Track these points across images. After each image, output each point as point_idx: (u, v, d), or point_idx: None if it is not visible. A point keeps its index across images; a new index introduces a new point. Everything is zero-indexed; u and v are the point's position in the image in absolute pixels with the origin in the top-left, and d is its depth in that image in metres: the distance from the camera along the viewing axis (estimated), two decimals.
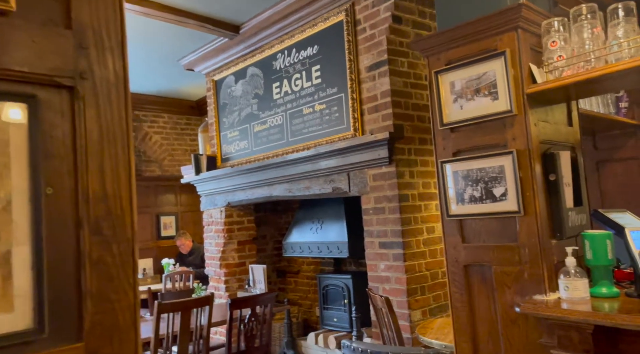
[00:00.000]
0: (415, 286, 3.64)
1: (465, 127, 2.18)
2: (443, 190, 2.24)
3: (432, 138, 2.30)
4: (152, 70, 5.77)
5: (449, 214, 2.23)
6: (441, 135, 2.27)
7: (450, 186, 2.22)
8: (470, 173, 2.15)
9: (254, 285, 4.41)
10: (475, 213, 2.13)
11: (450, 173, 2.22)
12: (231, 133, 5.07)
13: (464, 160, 2.17)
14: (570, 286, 1.87)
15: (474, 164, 2.14)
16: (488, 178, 2.10)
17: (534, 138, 2.02)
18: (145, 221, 6.34)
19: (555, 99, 2.16)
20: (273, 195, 4.63)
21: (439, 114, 2.25)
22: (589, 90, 2.07)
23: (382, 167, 3.73)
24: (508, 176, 2.04)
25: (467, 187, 2.16)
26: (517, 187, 2.01)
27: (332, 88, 4.08)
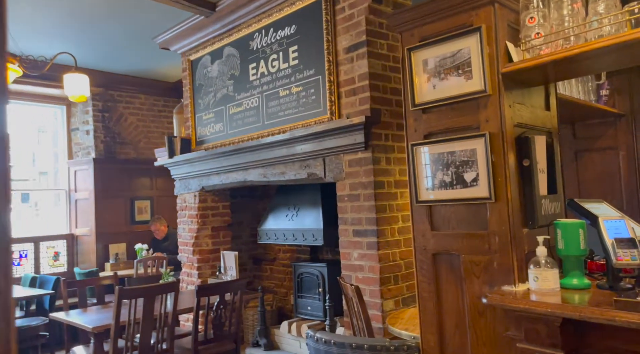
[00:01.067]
0: (389, 275, 3.55)
1: (437, 108, 2.06)
2: (413, 175, 2.12)
3: (404, 120, 2.18)
4: (126, 48, 5.55)
5: (418, 200, 2.11)
6: (412, 116, 2.14)
7: (421, 171, 2.10)
8: (442, 156, 2.03)
9: (225, 272, 4.29)
10: (445, 199, 2.02)
11: (420, 156, 2.10)
12: (206, 116, 4.90)
13: (435, 142, 2.05)
14: (540, 277, 1.77)
15: (445, 147, 2.02)
16: (459, 162, 1.98)
17: (508, 121, 1.90)
18: (119, 204, 6.16)
19: (532, 80, 2.05)
20: (247, 180, 4.49)
21: (410, 94, 2.12)
22: (567, 70, 1.96)
23: (358, 153, 3.60)
24: (480, 160, 1.92)
25: (438, 172, 2.05)
26: (488, 172, 1.90)
27: (309, 69, 3.93)
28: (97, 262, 5.93)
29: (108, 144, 6.15)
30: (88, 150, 6.14)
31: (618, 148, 3.20)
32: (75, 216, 6.17)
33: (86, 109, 6.15)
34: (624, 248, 1.67)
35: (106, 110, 6.19)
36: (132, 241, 6.05)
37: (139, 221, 6.33)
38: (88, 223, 6.03)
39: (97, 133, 6.09)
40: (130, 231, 6.23)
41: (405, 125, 2.18)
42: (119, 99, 6.30)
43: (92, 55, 5.63)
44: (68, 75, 3.82)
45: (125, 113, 6.35)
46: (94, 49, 5.46)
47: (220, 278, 4.26)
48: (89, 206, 6.02)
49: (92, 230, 5.97)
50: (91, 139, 6.10)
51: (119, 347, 3.19)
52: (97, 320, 3.41)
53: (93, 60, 5.76)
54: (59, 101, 6.16)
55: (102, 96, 6.17)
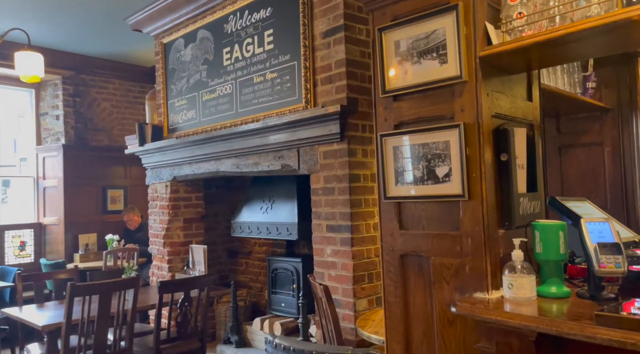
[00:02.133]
0: (363, 273, 3.37)
1: (409, 95, 1.86)
2: (382, 168, 1.93)
3: (373, 108, 1.98)
4: (98, 29, 5.26)
5: (386, 196, 1.92)
6: (383, 104, 1.94)
7: (390, 164, 1.90)
8: (413, 149, 1.84)
9: (193, 267, 4.07)
10: (415, 196, 1.83)
11: (390, 148, 1.90)
12: (179, 102, 4.66)
13: (406, 133, 1.85)
14: (515, 284, 1.59)
15: (417, 138, 1.82)
16: (431, 155, 1.79)
17: (485, 111, 1.71)
18: (90, 193, 5.90)
19: (513, 66, 1.85)
20: (220, 171, 4.27)
21: (381, 80, 1.92)
22: (552, 55, 1.76)
23: (333, 144, 3.40)
24: (453, 154, 1.73)
25: (408, 165, 1.85)
26: (462, 167, 1.71)
27: (285, 55, 3.70)
28: (65, 253, 5.68)
29: (79, 130, 5.87)
30: (57, 136, 5.85)
31: (603, 144, 3.04)
32: (43, 205, 5.89)
33: (56, 93, 5.85)
34: (607, 254, 1.49)
35: (77, 95, 5.90)
36: (103, 231, 5.81)
37: (112, 211, 6.07)
38: (57, 212, 5.77)
39: (67, 118, 5.81)
40: (101, 221, 5.98)
41: (374, 114, 1.98)
42: (92, 83, 6.01)
43: (61, 36, 5.33)
44: (20, 53, 3.54)
45: (98, 99, 6.06)
46: (62, 28, 5.16)
47: (188, 273, 4.05)
48: (57, 194, 5.75)
49: (61, 219, 5.71)
50: (61, 124, 5.81)
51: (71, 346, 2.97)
52: (50, 317, 3.19)
53: (62, 41, 5.46)
54: (28, 84, 5.86)
55: (73, 80, 5.87)
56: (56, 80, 5.78)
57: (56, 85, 5.82)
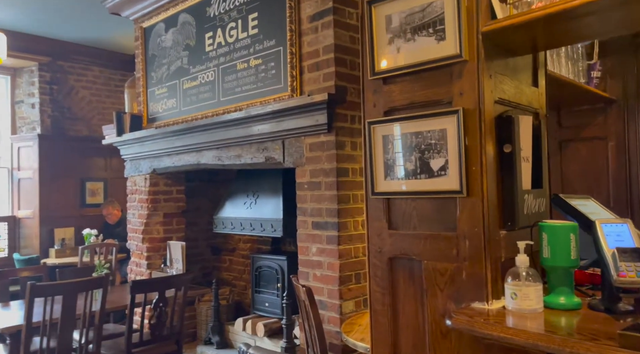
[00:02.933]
0: (350, 273, 3.15)
1: (402, 77, 1.63)
2: (369, 160, 1.70)
3: (361, 93, 1.75)
4: (77, 13, 4.97)
5: (374, 191, 1.69)
6: (372, 87, 1.71)
7: (379, 155, 1.68)
8: (405, 138, 1.62)
9: (171, 265, 3.83)
10: (406, 192, 1.61)
11: (379, 137, 1.68)
12: (159, 90, 4.40)
13: (397, 120, 1.63)
14: (520, 294, 1.38)
15: (409, 126, 1.60)
16: (425, 145, 1.57)
17: (488, 95, 1.49)
18: (68, 186, 5.61)
19: (518, 46, 1.63)
20: (201, 163, 4.02)
21: (370, 60, 1.69)
22: (563, 31, 1.54)
23: (320, 135, 3.17)
24: (450, 144, 1.51)
25: (399, 157, 1.63)
26: (460, 159, 1.49)
27: (270, 40, 3.46)
28: (40, 248, 5.41)
29: (56, 119, 5.58)
30: (33, 125, 5.56)
31: (607, 139, 2.83)
32: (18, 197, 5.61)
33: (32, 80, 5.55)
34: (627, 261, 1.28)
35: (55, 82, 5.60)
36: (82, 225, 5.53)
37: (91, 205, 5.80)
38: (32, 205, 5.48)
39: (43, 107, 5.51)
40: (79, 215, 5.70)
41: (362, 99, 1.75)
42: (70, 70, 5.72)
43: (37, 19, 5.03)
44: None
45: (76, 86, 5.77)
46: (38, 11, 4.86)
47: (166, 271, 3.80)
48: (33, 186, 5.47)
49: (36, 212, 5.43)
50: (37, 113, 5.52)
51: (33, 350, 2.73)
52: (12, 318, 2.94)
53: (38, 25, 5.16)
54: (2, 70, 5.55)
55: (50, 66, 5.57)
56: (32, 67, 5.48)
57: (32, 71, 5.52)
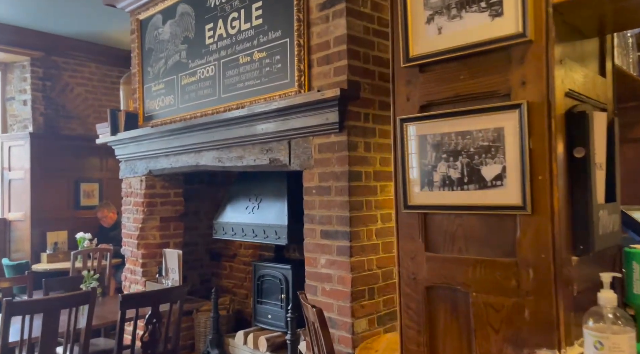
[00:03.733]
0: (363, 288, 2.81)
1: (443, 64, 1.30)
2: (401, 166, 1.37)
3: (390, 84, 1.42)
4: (72, 5, 4.63)
5: (407, 204, 1.36)
6: (404, 77, 1.38)
7: (414, 160, 1.35)
8: (447, 139, 1.28)
9: (166, 274, 3.50)
10: (449, 206, 1.28)
11: (414, 138, 1.35)
12: (156, 86, 4.06)
13: (438, 117, 1.30)
14: (607, 343, 1.04)
15: (454, 124, 1.27)
16: (475, 148, 1.24)
17: (558, 85, 1.16)
18: (61, 187, 5.27)
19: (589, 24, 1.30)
20: (200, 165, 3.68)
21: (402, 44, 1.36)
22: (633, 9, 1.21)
23: (330, 135, 2.83)
24: (509, 146, 1.18)
25: (440, 163, 1.30)
26: (523, 166, 1.16)
27: (275, 31, 3.11)
28: (31, 252, 5.07)
29: (49, 117, 5.24)
30: (25, 123, 5.22)
31: None
32: (8, 199, 5.27)
33: (24, 76, 5.21)
34: None
35: (48, 78, 5.26)
36: (75, 229, 5.19)
37: (85, 207, 5.46)
38: (23, 206, 5.14)
39: (35, 104, 5.17)
40: (73, 218, 5.36)
41: (392, 92, 1.41)
42: (64, 66, 5.37)
43: (29, 12, 4.69)
44: None
45: (71, 83, 5.42)
46: (31, 3, 4.52)
47: (161, 282, 3.47)
48: (24, 187, 5.13)
49: (27, 214, 5.09)
50: (28, 111, 5.18)
51: None
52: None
53: (30, 18, 4.82)
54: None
55: (43, 62, 5.23)
56: (24, 62, 5.15)
57: (24, 67, 5.18)
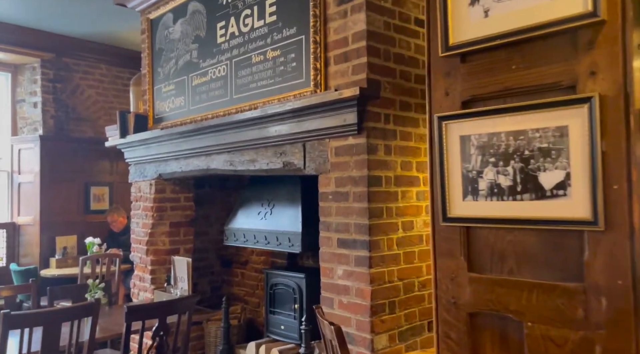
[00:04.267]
0: (383, 301, 2.60)
1: (489, 52, 1.10)
2: (440, 172, 1.17)
3: (426, 77, 1.22)
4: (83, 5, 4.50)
5: (446, 216, 1.16)
6: (443, 68, 1.18)
7: (454, 165, 1.15)
8: (496, 140, 1.08)
9: (175, 283, 3.32)
10: (498, 218, 1.08)
11: (455, 139, 1.14)
12: (166, 87, 3.90)
13: (484, 115, 1.09)
14: None
15: (504, 123, 1.06)
16: (531, 151, 1.03)
17: (637, 75, 0.96)
18: (71, 190, 5.13)
19: None
20: (211, 168, 3.51)
21: (441, 29, 1.16)
22: None
23: (348, 138, 2.63)
24: (574, 149, 0.98)
25: (487, 168, 1.09)
26: (594, 172, 0.95)
27: (290, 28, 2.93)
28: (40, 257, 4.94)
29: (59, 119, 5.12)
30: (35, 125, 5.10)
31: None
32: (18, 203, 5.15)
33: (34, 78, 5.10)
34: None
35: (58, 80, 5.14)
36: (85, 233, 5.04)
37: (95, 211, 5.32)
38: (32, 211, 5.02)
39: (46, 106, 5.05)
40: (83, 222, 5.22)
41: (428, 86, 1.21)
42: (75, 68, 5.25)
43: (40, 12, 4.57)
44: None
45: (82, 85, 5.30)
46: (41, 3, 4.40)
47: (169, 291, 3.29)
48: (33, 191, 5.00)
49: (37, 219, 4.97)
50: (39, 113, 5.06)
51: None
52: None
53: (41, 19, 4.69)
54: (2, 67, 5.12)
55: (54, 63, 5.11)
56: (35, 64, 5.04)
57: (35, 68, 5.07)
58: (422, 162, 2.82)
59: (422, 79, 2.82)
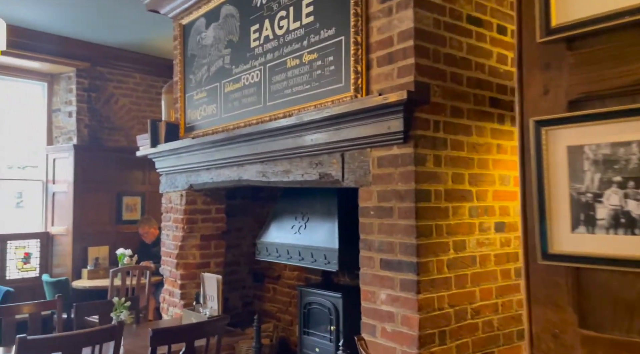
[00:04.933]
0: (432, 331, 2.29)
1: (612, 35, 0.81)
2: (537, 192, 0.88)
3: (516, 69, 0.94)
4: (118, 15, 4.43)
5: (547, 252, 0.87)
6: (540, 58, 0.89)
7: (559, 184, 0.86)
8: (623, 152, 0.79)
9: (204, 302, 3.10)
10: (627, 258, 0.79)
11: (561, 150, 0.86)
12: (197, 95, 3.73)
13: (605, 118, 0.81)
14: None
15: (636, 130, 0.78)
16: None
17: None
18: (103, 200, 5.05)
19: None
20: (243, 179, 3.29)
21: (540, 7, 0.88)
22: None
23: (392, 147, 2.36)
24: None
25: (610, 189, 0.80)
26: None
27: (329, 29, 2.69)
28: (72, 267, 4.85)
29: (93, 129, 5.05)
30: (70, 135, 5.06)
31: None
32: (52, 212, 5.10)
33: (69, 87, 5.06)
34: None
35: (93, 89, 5.08)
36: (117, 244, 4.94)
37: (127, 221, 5.21)
38: (66, 220, 4.95)
39: (80, 115, 5.00)
40: (115, 232, 5.11)
41: (518, 81, 0.93)
42: (110, 77, 5.19)
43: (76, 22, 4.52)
44: None
45: (116, 94, 5.23)
46: (78, 13, 4.35)
47: (198, 310, 3.08)
48: (67, 201, 4.94)
49: (70, 229, 4.89)
50: (73, 122, 5.01)
51: None
52: None
53: (77, 28, 4.65)
54: (39, 76, 5.10)
55: (89, 72, 5.06)
56: (70, 73, 5.01)
57: (70, 78, 5.03)
58: (475, 174, 2.51)
59: (475, 83, 2.52)
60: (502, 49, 2.68)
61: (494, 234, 2.60)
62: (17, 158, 5.20)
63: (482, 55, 2.57)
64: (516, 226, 2.74)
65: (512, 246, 2.70)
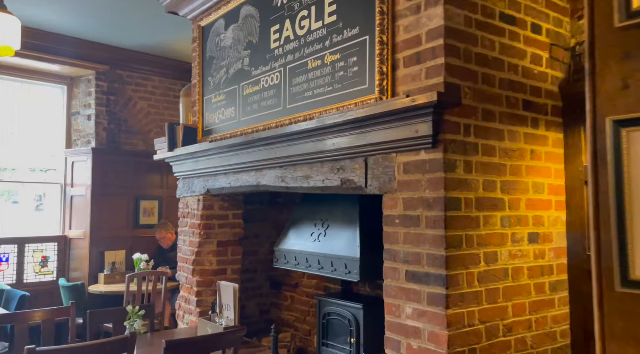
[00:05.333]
0: (462, 349, 2.13)
1: None
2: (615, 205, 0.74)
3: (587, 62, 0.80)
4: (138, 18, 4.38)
5: (627, 278, 0.73)
6: (618, 46, 0.76)
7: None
8: None
9: (220, 312, 2.99)
10: None
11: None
12: (216, 98, 3.64)
13: None
14: None
15: None
16: None
17: None
18: (121, 204, 5.00)
19: None
20: (261, 184, 3.18)
21: None
22: None
23: (420, 152, 2.21)
24: None
25: None
26: None
27: (352, 28, 2.56)
28: (89, 272, 4.80)
29: (112, 132, 5.02)
30: (88, 138, 5.03)
31: None
32: (70, 216, 5.07)
33: (89, 90, 5.04)
34: None
35: (112, 92, 5.05)
36: (133, 248, 4.89)
37: (144, 225, 5.15)
38: (83, 224, 4.91)
39: (99, 118, 4.97)
40: (132, 237, 5.06)
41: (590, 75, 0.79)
42: (128, 80, 5.16)
43: (96, 24, 4.50)
44: None
45: (134, 97, 5.19)
46: (97, 16, 4.32)
47: (214, 320, 2.97)
48: (85, 204, 4.90)
49: (87, 232, 4.85)
50: (92, 125, 4.98)
51: None
52: None
53: (97, 31, 4.63)
54: (59, 79, 5.10)
55: (108, 75, 5.04)
56: (90, 76, 4.99)
57: (89, 81, 5.01)
58: (508, 181, 2.35)
59: (507, 84, 2.37)
60: (537, 49, 2.52)
61: (527, 245, 2.43)
62: (38, 161, 5.20)
63: (515, 55, 2.42)
64: (551, 237, 2.57)
65: (546, 258, 2.53)
